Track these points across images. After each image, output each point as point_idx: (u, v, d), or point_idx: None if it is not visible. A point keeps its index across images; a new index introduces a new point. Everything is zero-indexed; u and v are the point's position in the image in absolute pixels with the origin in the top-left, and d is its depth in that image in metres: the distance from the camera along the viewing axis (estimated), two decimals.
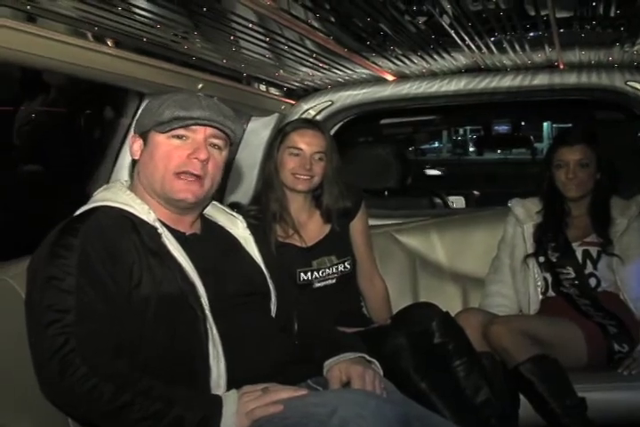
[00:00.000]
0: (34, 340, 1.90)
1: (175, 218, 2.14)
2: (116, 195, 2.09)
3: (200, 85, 2.98)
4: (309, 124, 3.07)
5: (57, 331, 1.82)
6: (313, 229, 3.07)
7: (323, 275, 3.02)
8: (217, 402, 1.83)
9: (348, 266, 3.08)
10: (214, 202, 2.33)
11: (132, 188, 2.15)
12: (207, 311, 2.00)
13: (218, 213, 2.32)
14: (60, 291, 1.87)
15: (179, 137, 2.07)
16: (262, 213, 2.98)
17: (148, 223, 2.05)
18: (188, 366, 1.98)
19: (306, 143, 2.94)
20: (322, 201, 3.05)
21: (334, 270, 3.04)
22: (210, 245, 2.18)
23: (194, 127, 2.06)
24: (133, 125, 2.16)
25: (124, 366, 1.85)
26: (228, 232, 2.29)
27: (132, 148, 2.15)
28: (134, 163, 2.20)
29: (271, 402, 1.83)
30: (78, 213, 2.07)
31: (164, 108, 2.06)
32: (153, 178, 2.09)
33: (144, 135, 2.11)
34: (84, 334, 1.82)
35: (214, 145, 2.10)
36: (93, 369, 1.79)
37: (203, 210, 2.25)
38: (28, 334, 1.92)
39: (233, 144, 2.18)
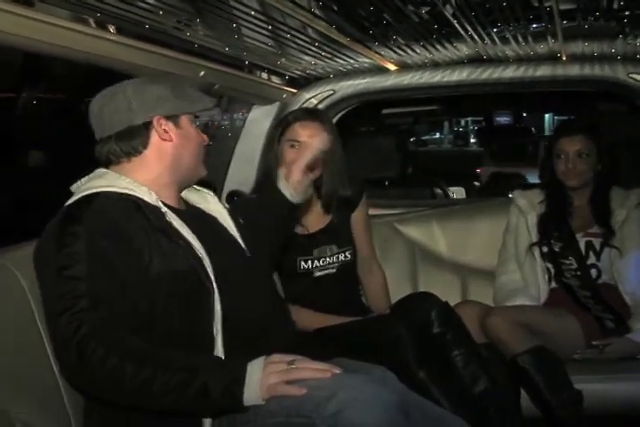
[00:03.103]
0: (52, 330, 1.91)
1: (171, 196, 2.18)
2: (112, 181, 2.09)
3: (202, 73, 2.98)
4: (311, 115, 3.03)
5: (70, 318, 1.82)
6: (314, 218, 3.08)
7: (323, 264, 3.02)
8: (242, 369, 1.84)
9: (349, 255, 3.09)
10: None
11: (124, 174, 2.14)
12: (214, 286, 2.03)
13: (187, 192, 2.33)
14: (71, 278, 1.87)
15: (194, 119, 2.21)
16: None
17: (150, 204, 2.06)
18: (197, 340, 2.00)
19: (307, 136, 2.90)
20: (322, 191, 3.05)
21: (335, 260, 3.05)
22: (198, 220, 2.21)
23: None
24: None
25: (140, 342, 1.86)
26: (200, 209, 2.31)
27: (160, 128, 2.13)
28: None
29: (295, 380, 1.84)
30: (72, 201, 2.05)
31: (202, 97, 2.24)
32: (187, 160, 2.18)
33: (173, 117, 2.15)
34: (98, 317, 1.83)
35: None
36: (111, 349, 1.80)
37: None
38: (47, 326, 1.95)
39: None
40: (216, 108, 2.20)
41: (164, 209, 2.07)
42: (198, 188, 2.34)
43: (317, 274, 3.03)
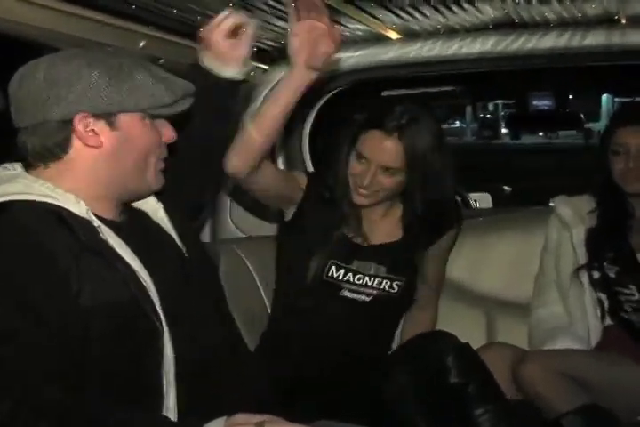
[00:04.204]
0: None
1: (107, 207, 2.16)
2: (28, 187, 2.07)
3: (141, 43, 2.98)
4: (394, 123, 3.06)
5: None
6: (380, 230, 3.17)
7: (358, 281, 3.07)
8: None
9: (396, 287, 3.12)
10: None
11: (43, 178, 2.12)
12: (164, 323, 2.03)
13: None
14: None
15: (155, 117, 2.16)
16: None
17: (78, 216, 2.04)
18: (141, 392, 2.01)
19: (372, 152, 3.03)
20: (408, 205, 3.15)
21: (375, 283, 3.09)
22: (137, 231, 2.20)
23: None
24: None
25: (60, 393, 1.84)
26: (137, 209, 2.30)
27: (84, 131, 2.08)
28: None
29: None
30: None
31: (164, 88, 2.12)
32: (130, 171, 2.14)
33: (106, 115, 2.09)
34: (7, 363, 1.81)
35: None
36: (21, 402, 1.78)
37: None
38: None
39: None
40: (187, 100, 2.17)
41: (97, 223, 2.05)
42: None
43: (345, 294, 3.07)
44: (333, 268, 3.05)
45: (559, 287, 3.39)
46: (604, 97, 15.41)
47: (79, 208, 2.05)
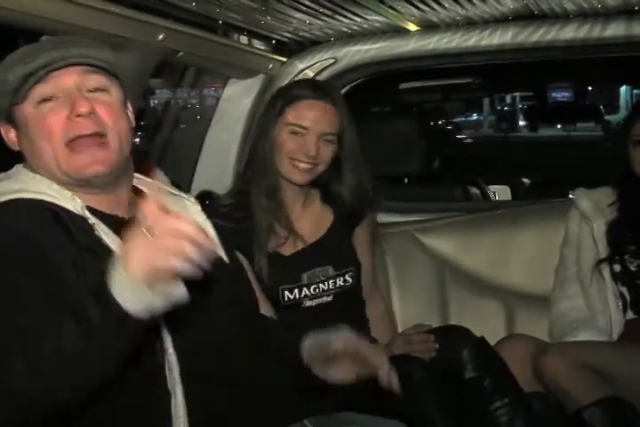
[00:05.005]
0: None
1: (108, 200, 2.13)
2: (26, 184, 2.07)
3: (160, 36, 2.98)
4: (318, 90, 3.04)
5: None
6: (307, 226, 3.10)
7: (315, 292, 3.04)
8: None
9: (350, 279, 3.10)
10: (152, 180, 2.32)
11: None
12: (163, 329, 2.00)
13: (156, 194, 2.30)
14: None
15: (46, 99, 2.03)
16: (246, 209, 2.98)
17: (75, 214, 2.03)
18: (147, 386, 1.99)
19: (311, 120, 2.94)
20: (340, 195, 3.08)
21: (331, 286, 3.06)
22: None
23: (51, 76, 2.01)
24: None
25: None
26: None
27: (7, 139, 2.11)
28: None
29: None
30: None
31: (6, 73, 2.03)
32: (46, 163, 2.06)
33: (9, 118, 2.08)
34: None
35: (94, 89, 2.05)
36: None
37: (132, 177, 2.22)
38: None
39: (119, 78, 2.11)
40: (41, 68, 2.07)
41: (92, 220, 2.03)
42: (176, 191, 2.32)
43: (307, 304, 3.04)
44: (286, 293, 2.99)
45: (580, 280, 3.38)
46: (623, 89, 15.38)
47: (74, 205, 2.04)
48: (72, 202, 2.04)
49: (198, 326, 2.09)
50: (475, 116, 17.69)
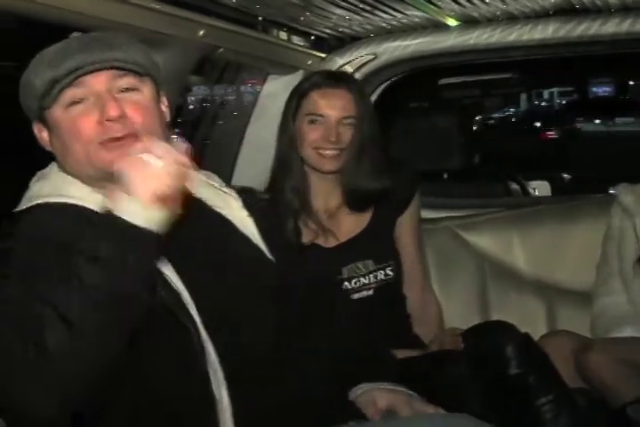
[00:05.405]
0: None
1: None
2: (58, 187, 2.08)
3: (201, 32, 2.99)
4: (332, 78, 3.09)
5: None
6: (347, 220, 3.11)
7: (356, 285, 3.04)
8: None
9: (391, 273, 3.11)
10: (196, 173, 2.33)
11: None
12: (200, 328, 1.99)
13: (202, 189, 2.28)
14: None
15: (75, 102, 2.02)
16: (275, 206, 2.98)
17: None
18: (187, 401, 1.98)
19: (327, 107, 2.97)
20: (347, 181, 3.07)
21: (372, 279, 3.07)
22: (193, 230, 2.12)
23: (80, 80, 2.00)
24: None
25: (92, 410, 1.83)
26: (216, 213, 2.27)
27: (40, 139, 2.13)
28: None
29: None
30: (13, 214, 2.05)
31: (33, 77, 2.04)
32: (78, 162, 2.06)
33: (42, 119, 2.09)
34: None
35: (124, 89, 2.05)
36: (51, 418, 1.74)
37: None
38: None
39: (150, 74, 2.10)
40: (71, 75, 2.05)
41: None
42: (218, 185, 2.32)
43: (354, 297, 3.06)
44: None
45: (622, 276, 3.36)
46: None
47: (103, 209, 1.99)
48: (100, 205, 1.98)
49: (239, 328, 2.08)
50: (512, 111, 17.64)
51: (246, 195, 2.41)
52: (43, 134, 2.11)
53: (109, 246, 1.75)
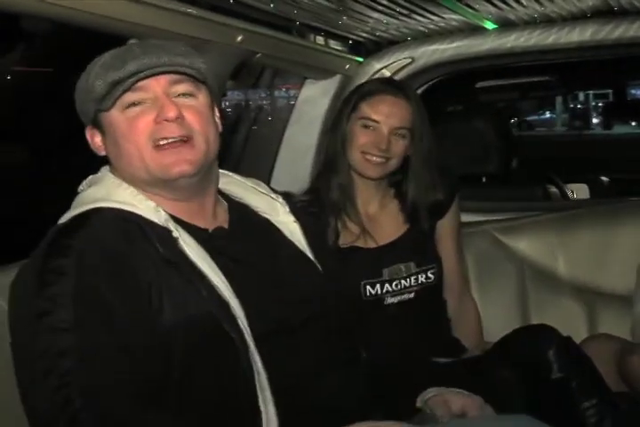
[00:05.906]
0: (29, 396, 1.87)
1: (190, 209, 2.12)
2: (111, 192, 2.07)
3: (239, 38, 3.01)
4: (392, 86, 3.08)
5: (55, 382, 1.78)
6: (386, 225, 3.11)
7: (397, 288, 3.03)
8: None
9: (432, 276, 3.09)
10: (239, 177, 2.33)
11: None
12: (248, 339, 1.97)
13: (248, 194, 2.30)
14: (54, 329, 1.82)
15: (133, 104, 2.04)
16: (318, 206, 3.02)
17: (158, 225, 2.02)
18: (233, 414, 1.97)
19: (384, 114, 2.96)
20: (406, 192, 3.08)
21: (413, 282, 3.06)
22: (244, 241, 2.15)
23: (140, 84, 2.02)
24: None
25: (153, 418, 1.83)
26: (265, 219, 2.28)
27: (93, 144, 2.14)
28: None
29: None
30: (65, 220, 2.04)
31: (93, 79, 2.04)
32: (132, 166, 2.06)
33: (96, 123, 2.10)
34: (91, 383, 1.79)
35: (182, 94, 2.07)
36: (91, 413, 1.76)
37: (216, 185, 2.21)
38: (19, 387, 1.89)
39: (207, 82, 2.11)
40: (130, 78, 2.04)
41: (176, 233, 2.02)
42: (263, 190, 2.33)
43: (389, 301, 3.04)
44: (368, 287, 3.00)
45: None
46: None
47: (158, 217, 2.03)
48: (156, 214, 2.04)
49: (288, 340, 2.08)
50: (547, 114, 17.54)
51: (288, 199, 2.42)
52: (96, 139, 2.13)
53: None
